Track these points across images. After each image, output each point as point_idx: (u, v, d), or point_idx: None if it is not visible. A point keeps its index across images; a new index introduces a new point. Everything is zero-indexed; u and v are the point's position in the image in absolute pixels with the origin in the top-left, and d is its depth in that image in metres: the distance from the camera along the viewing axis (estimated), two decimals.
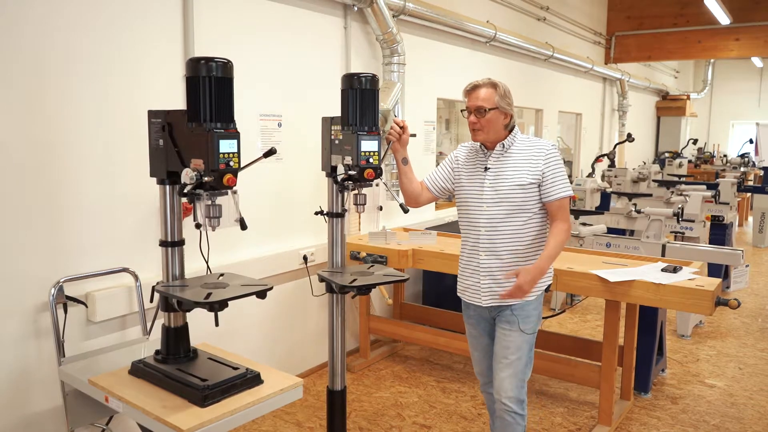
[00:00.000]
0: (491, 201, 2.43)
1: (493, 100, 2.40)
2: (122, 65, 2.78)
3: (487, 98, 2.40)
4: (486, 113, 2.40)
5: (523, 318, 2.46)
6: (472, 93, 2.43)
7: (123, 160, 2.80)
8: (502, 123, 2.42)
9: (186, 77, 1.98)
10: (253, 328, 3.57)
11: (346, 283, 2.60)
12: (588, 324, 5.09)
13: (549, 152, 2.40)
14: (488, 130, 2.42)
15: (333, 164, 2.80)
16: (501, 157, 2.45)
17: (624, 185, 7.06)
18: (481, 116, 2.41)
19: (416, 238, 3.96)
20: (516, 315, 2.46)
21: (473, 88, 2.44)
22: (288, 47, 3.64)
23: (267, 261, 3.54)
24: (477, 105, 2.41)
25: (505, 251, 2.43)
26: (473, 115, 2.42)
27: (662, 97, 12.57)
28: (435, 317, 4.31)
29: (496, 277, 2.47)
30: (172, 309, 2.16)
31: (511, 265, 2.43)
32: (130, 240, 2.87)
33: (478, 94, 2.41)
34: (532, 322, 2.48)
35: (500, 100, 2.40)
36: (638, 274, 3.08)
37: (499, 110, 2.40)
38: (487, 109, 2.40)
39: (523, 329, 2.46)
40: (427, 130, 4.98)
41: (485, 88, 2.41)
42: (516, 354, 2.44)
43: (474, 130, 2.45)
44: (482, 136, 2.45)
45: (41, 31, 2.49)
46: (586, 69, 8.01)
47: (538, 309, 2.52)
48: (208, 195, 1.98)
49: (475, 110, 2.41)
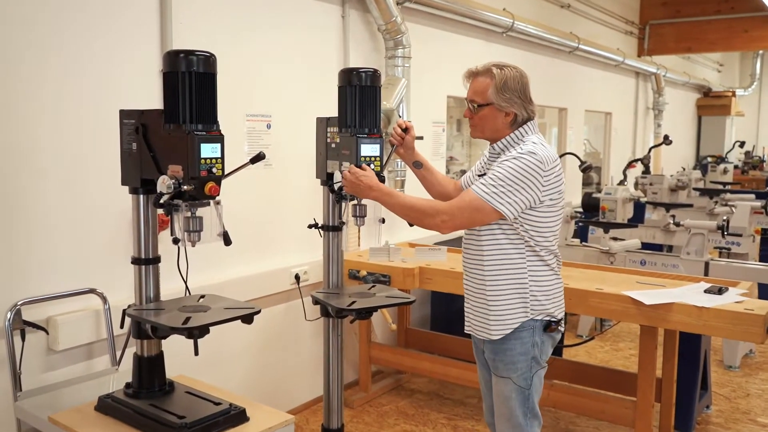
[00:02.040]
0: None
1: (485, 94, 2.29)
2: (90, 58, 2.80)
3: (480, 91, 2.31)
4: (477, 109, 2.32)
5: (503, 365, 2.34)
6: (471, 81, 2.36)
7: (90, 166, 2.81)
8: (501, 121, 2.31)
9: (163, 73, 1.99)
10: (237, 357, 3.56)
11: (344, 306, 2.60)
12: (620, 353, 5.07)
13: (512, 156, 2.22)
14: (482, 127, 2.35)
15: (329, 171, 2.81)
16: (495, 160, 2.35)
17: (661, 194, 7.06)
18: (474, 111, 2.34)
19: (424, 254, 3.96)
20: (495, 360, 2.36)
21: (471, 74, 2.36)
22: (278, 39, 3.67)
23: (254, 281, 3.54)
24: (469, 97, 2.35)
25: (473, 272, 2.37)
26: (468, 108, 2.37)
27: (704, 94, 12.59)
28: (445, 345, 4.30)
29: (469, 300, 2.42)
30: (145, 336, 2.16)
31: (479, 291, 2.35)
32: (98, 257, 2.87)
33: (474, 83, 2.34)
34: (518, 371, 2.32)
35: (496, 95, 2.27)
36: (678, 296, 3.07)
37: (493, 106, 2.29)
38: (478, 104, 2.32)
39: (504, 378, 2.34)
40: (436, 131, 5.00)
41: (482, 78, 2.31)
42: (506, 406, 2.36)
43: (470, 125, 2.41)
44: (476, 133, 2.40)
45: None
46: (616, 62, 8.03)
47: (529, 354, 2.32)
48: (188, 206, 1.99)
49: (469, 102, 2.36)
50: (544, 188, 2.25)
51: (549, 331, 2.36)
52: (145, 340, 2.20)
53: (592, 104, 7.95)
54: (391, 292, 2.87)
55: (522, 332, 2.32)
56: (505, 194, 2.19)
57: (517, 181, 2.20)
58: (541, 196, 2.25)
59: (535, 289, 2.32)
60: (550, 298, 2.36)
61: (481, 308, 2.35)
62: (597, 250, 4.86)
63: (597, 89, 8.01)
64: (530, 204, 2.24)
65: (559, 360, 3.86)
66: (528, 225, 2.27)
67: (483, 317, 2.35)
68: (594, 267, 3.87)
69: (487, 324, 2.34)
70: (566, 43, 6.62)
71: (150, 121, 2.08)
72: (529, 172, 2.20)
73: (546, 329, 2.35)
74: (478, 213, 2.23)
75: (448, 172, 6.60)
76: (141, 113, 2.12)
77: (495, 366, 2.37)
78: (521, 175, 2.20)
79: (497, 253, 2.30)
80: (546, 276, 2.35)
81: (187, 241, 2.03)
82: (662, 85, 9.66)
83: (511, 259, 2.30)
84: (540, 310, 2.33)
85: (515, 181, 2.20)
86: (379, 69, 2.96)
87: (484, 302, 2.34)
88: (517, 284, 2.31)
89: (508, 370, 2.34)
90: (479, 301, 2.36)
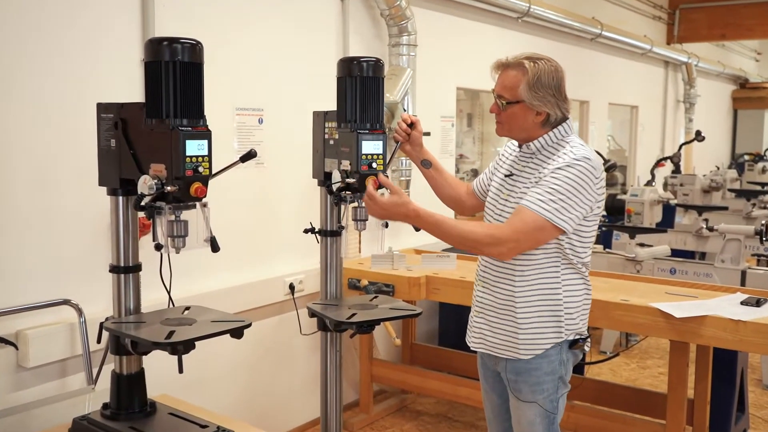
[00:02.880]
0: (495, 218, 2.37)
1: (515, 91, 2.26)
2: (63, 46, 2.81)
3: (510, 86, 2.28)
4: (506, 106, 2.30)
5: (528, 386, 2.32)
6: (500, 73, 2.33)
7: (64, 165, 2.82)
8: (531, 121, 2.29)
9: (144, 62, 1.99)
10: (226, 375, 3.56)
11: (343, 319, 2.60)
12: (648, 371, 5.06)
13: (564, 164, 2.21)
14: (510, 126, 2.33)
15: (327, 170, 2.81)
16: (530, 163, 2.35)
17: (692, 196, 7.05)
18: (501, 108, 2.31)
19: (431, 261, 3.96)
20: (517, 382, 2.34)
21: (501, 66, 2.32)
22: (271, 25, 3.67)
23: (244, 291, 3.55)
24: (497, 91, 2.32)
25: (499, 286, 2.34)
26: (495, 102, 2.34)
27: (740, 86, 12.58)
28: (455, 362, 4.29)
29: (487, 316, 2.39)
30: (124, 351, 2.16)
31: (506, 307, 2.33)
32: (73, 264, 2.88)
33: (504, 76, 2.30)
34: (545, 392, 2.31)
35: (527, 92, 2.24)
36: (711, 308, 3.06)
37: (524, 105, 2.27)
38: (506, 101, 2.29)
39: (528, 401, 2.32)
40: (445, 127, 5.00)
41: (513, 71, 2.27)
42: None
43: (496, 122, 2.38)
44: (502, 131, 2.37)
45: None
46: (643, 51, 8.03)
47: (555, 374, 2.32)
48: (172, 209, 1.99)
49: (496, 98, 2.34)
50: (598, 196, 2.26)
51: (575, 348, 2.36)
52: (125, 356, 2.20)
53: (616, 97, 7.95)
54: (394, 304, 2.87)
55: (550, 349, 2.32)
56: (566, 208, 2.18)
57: (575, 192, 2.19)
58: (593, 206, 2.26)
59: (570, 306, 2.33)
60: (582, 315, 2.37)
61: (508, 325, 2.33)
62: (622, 257, 4.86)
63: (622, 80, 8.01)
64: (585, 214, 2.25)
65: (581, 379, 3.85)
66: (572, 236, 2.27)
67: (510, 335, 2.33)
68: (619, 276, 3.86)
69: (515, 343, 2.32)
70: (588, 29, 6.62)
71: (130, 115, 2.08)
72: (585, 180, 2.20)
73: (572, 346, 2.35)
74: (542, 232, 2.20)
75: (458, 171, 6.60)
76: (120, 107, 2.12)
77: (517, 388, 2.35)
78: (578, 184, 2.19)
79: (531, 266, 2.29)
80: (580, 290, 2.36)
81: (170, 248, 2.03)
82: (694, 75, 9.66)
83: (545, 272, 2.29)
84: (573, 329, 2.34)
85: (573, 192, 2.19)
86: (382, 58, 2.96)
87: (512, 319, 2.32)
88: (551, 300, 2.30)
89: (533, 392, 2.32)
90: (505, 318, 2.34)
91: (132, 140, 2.08)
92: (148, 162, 2.02)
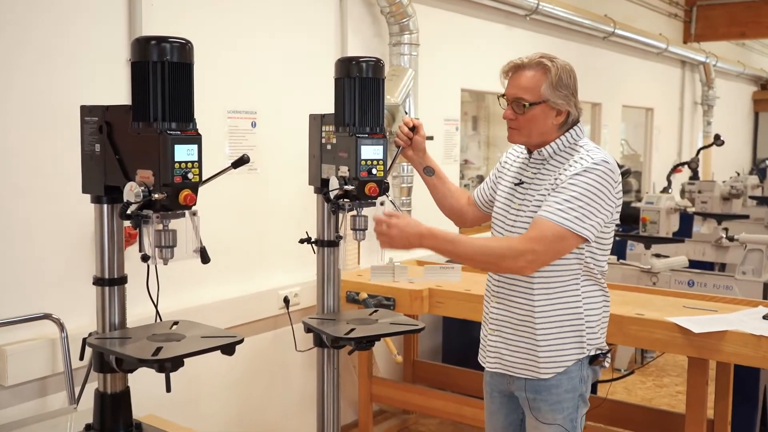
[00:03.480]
0: (509, 229, 2.36)
1: (538, 91, 2.27)
2: (45, 45, 2.82)
3: (531, 87, 2.27)
4: (527, 108, 2.29)
5: (547, 405, 2.32)
6: (513, 76, 2.33)
7: (46, 171, 2.82)
8: (552, 122, 2.30)
9: (131, 62, 2.00)
10: (216, 394, 3.55)
11: (341, 335, 2.60)
12: (665, 390, 5.06)
13: (582, 169, 2.22)
14: (528, 130, 2.32)
15: (324, 176, 2.81)
16: (542, 169, 2.35)
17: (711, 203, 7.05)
18: (520, 111, 2.31)
19: (434, 273, 3.96)
20: (535, 400, 2.34)
21: (514, 68, 2.33)
22: (265, 23, 3.68)
23: (236, 304, 3.54)
24: (514, 95, 2.31)
25: (517, 301, 2.34)
26: (509, 108, 2.33)
27: (761, 86, 12.61)
28: (459, 380, 4.29)
29: (504, 334, 2.39)
30: (108, 369, 2.16)
31: (524, 323, 2.33)
32: (54, 277, 2.88)
33: (519, 78, 2.30)
34: (565, 411, 2.32)
35: (551, 91, 2.26)
36: (732, 322, 3.06)
37: (547, 105, 2.28)
38: (528, 103, 2.28)
39: (548, 422, 2.31)
40: (449, 131, 5.01)
41: (531, 72, 2.28)
42: None
43: (509, 128, 2.37)
44: (519, 138, 2.37)
45: None
46: (658, 50, 8.06)
47: (576, 391, 2.33)
48: (159, 217, 2.00)
49: (513, 101, 2.32)
50: (617, 200, 2.29)
51: (594, 364, 2.37)
52: (109, 374, 2.20)
53: (630, 99, 7.96)
54: (396, 319, 2.87)
55: (571, 366, 2.33)
56: (586, 215, 2.19)
57: (595, 198, 2.20)
58: (614, 211, 2.28)
59: (591, 319, 2.34)
60: (602, 328, 2.38)
61: (527, 343, 2.33)
62: (637, 269, 4.86)
63: (636, 81, 8.03)
64: (606, 221, 2.27)
65: (594, 398, 3.84)
66: (592, 244, 2.28)
67: (529, 353, 2.33)
68: (633, 288, 3.86)
69: (535, 361, 2.32)
70: (600, 27, 6.64)
71: (115, 118, 2.09)
72: (604, 185, 2.22)
73: (592, 362, 2.36)
74: (563, 243, 2.21)
75: (463, 177, 6.61)
76: (105, 109, 2.13)
77: (536, 407, 2.35)
78: (597, 189, 2.21)
79: (551, 278, 2.30)
80: (599, 301, 2.37)
81: (158, 259, 2.04)
82: (712, 76, 9.68)
83: (565, 284, 2.31)
84: (595, 344, 2.35)
85: (594, 198, 2.20)
86: (383, 58, 2.97)
87: (531, 336, 2.32)
88: (572, 314, 2.31)
89: (553, 411, 2.32)
90: (523, 335, 2.34)
91: (117, 145, 2.08)
92: (134, 168, 2.02)
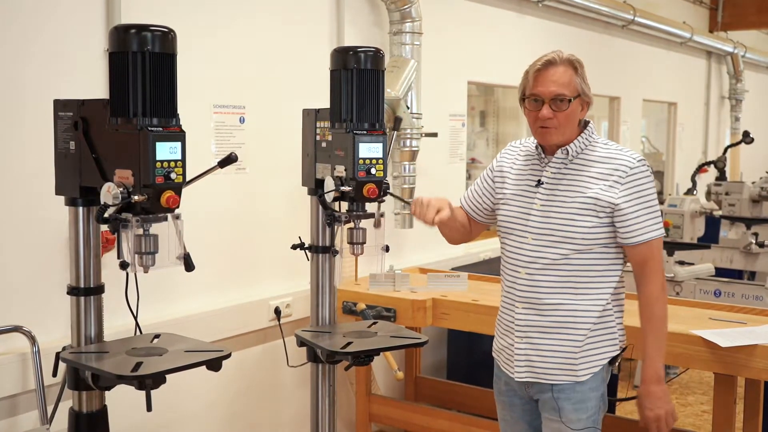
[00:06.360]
0: (538, 231, 2.44)
1: (574, 85, 2.40)
2: (14, 34, 2.82)
3: (566, 82, 2.39)
4: (568, 104, 2.38)
5: (571, 404, 2.43)
6: (544, 73, 2.39)
7: (15, 170, 2.82)
8: (578, 117, 2.47)
9: (109, 53, 2.00)
10: (201, 413, 3.55)
11: (337, 349, 2.60)
12: (690, 409, 5.05)
13: (634, 169, 2.40)
14: (565, 128, 2.43)
15: (318, 177, 2.82)
16: (563, 168, 2.46)
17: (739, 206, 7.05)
18: (560, 109, 2.38)
19: (438, 282, 3.96)
20: (559, 400, 2.44)
21: (546, 65, 2.40)
22: (254, 10, 3.69)
23: (223, 316, 3.54)
24: (554, 92, 2.37)
25: (550, 307, 2.43)
26: (547, 107, 2.38)
27: None
28: (465, 398, 4.29)
29: (534, 340, 2.47)
30: (84, 386, 2.16)
31: (557, 327, 2.43)
32: (25, 286, 2.87)
33: (553, 75, 2.38)
34: (589, 410, 2.44)
35: (583, 85, 2.43)
36: (762, 336, 3.06)
37: (581, 99, 2.43)
38: (570, 98, 2.38)
39: (571, 423, 2.42)
40: (454, 127, 5.01)
41: (563, 68, 2.40)
42: None
43: (544, 129, 2.42)
44: (558, 137, 2.44)
45: None
46: (682, 39, 8.06)
47: (599, 390, 2.47)
48: (139, 221, 2.00)
49: (552, 100, 2.38)
50: None
51: (613, 363, 2.52)
52: (85, 391, 2.20)
53: (651, 92, 7.97)
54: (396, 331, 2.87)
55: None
56: (658, 215, 2.45)
57: (653, 195, 2.46)
58: None
59: (618, 316, 2.52)
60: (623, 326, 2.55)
61: (564, 346, 2.44)
62: None
63: (658, 74, 8.04)
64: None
65: (612, 417, 3.84)
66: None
67: (566, 356, 2.44)
68: None
69: (573, 364, 2.44)
70: (619, 14, 6.65)
71: (92, 113, 2.09)
72: (651, 179, 2.47)
73: (612, 361, 2.50)
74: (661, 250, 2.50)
75: (469, 177, 6.61)
76: (81, 104, 2.13)
77: (560, 406, 2.45)
78: (651, 187, 2.46)
79: (595, 279, 2.45)
80: (621, 297, 2.54)
81: (138, 266, 2.04)
82: (741, 67, 9.68)
83: (602, 283, 2.46)
84: (622, 340, 2.53)
85: (653, 196, 2.45)
86: (382, 48, 2.97)
87: (571, 339, 2.44)
88: (604, 312, 2.47)
89: (576, 410, 2.43)
90: (557, 338, 2.45)
91: (94, 142, 2.09)
92: (112, 167, 2.02)
